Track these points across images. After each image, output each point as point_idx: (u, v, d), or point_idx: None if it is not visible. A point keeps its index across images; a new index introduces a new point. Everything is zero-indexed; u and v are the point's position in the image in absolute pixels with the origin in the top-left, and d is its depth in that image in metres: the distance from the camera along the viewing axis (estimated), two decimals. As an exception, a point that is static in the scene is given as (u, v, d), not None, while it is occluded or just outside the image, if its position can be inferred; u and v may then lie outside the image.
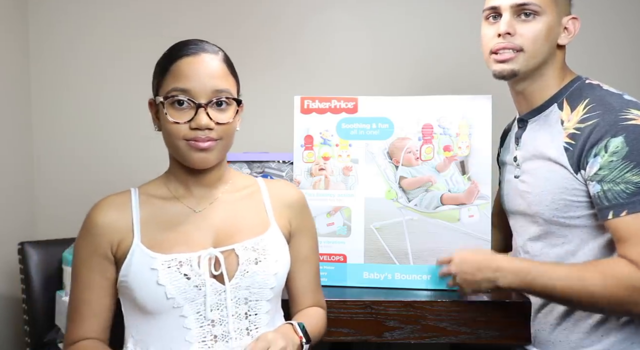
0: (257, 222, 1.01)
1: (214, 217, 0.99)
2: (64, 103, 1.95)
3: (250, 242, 0.97)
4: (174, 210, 0.98)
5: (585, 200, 1.09)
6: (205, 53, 0.95)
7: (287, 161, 1.82)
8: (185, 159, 0.95)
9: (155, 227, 0.96)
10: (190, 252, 0.93)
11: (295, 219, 1.06)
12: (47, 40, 1.94)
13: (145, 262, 0.92)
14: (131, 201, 0.98)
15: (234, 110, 0.96)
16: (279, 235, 1.02)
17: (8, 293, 1.77)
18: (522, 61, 1.12)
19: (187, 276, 0.91)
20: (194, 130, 0.92)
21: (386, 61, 1.94)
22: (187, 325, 0.91)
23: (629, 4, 1.90)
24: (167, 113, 0.93)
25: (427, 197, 1.25)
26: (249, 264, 0.95)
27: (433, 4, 1.93)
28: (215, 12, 1.94)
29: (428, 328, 1.17)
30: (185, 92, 0.92)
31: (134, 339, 0.95)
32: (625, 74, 1.88)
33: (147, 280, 0.91)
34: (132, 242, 0.94)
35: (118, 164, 1.95)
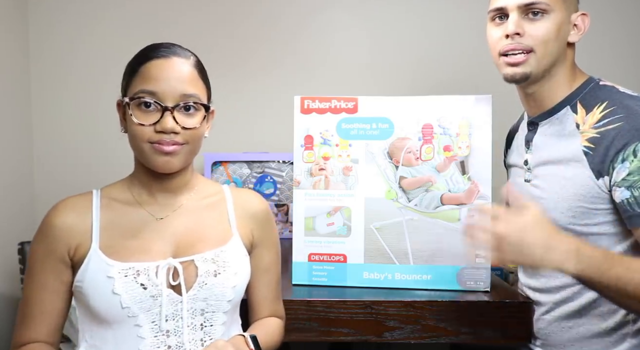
0: (219, 232, 1.00)
1: (176, 226, 0.97)
2: (64, 103, 1.96)
3: (211, 253, 0.96)
4: (136, 216, 0.96)
5: (606, 207, 1.05)
6: (175, 56, 0.94)
7: (287, 161, 1.82)
8: (149, 162, 0.93)
9: (114, 233, 0.94)
10: (149, 262, 0.92)
11: (257, 230, 1.05)
12: (47, 40, 1.94)
13: (102, 269, 0.90)
14: (92, 204, 0.96)
15: (201, 116, 0.95)
16: (240, 247, 1.01)
17: (8, 293, 1.77)
18: (534, 63, 1.09)
19: (143, 286, 0.90)
20: (159, 133, 0.91)
21: (386, 61, 1.94)
22: (141, 335, 0.90)
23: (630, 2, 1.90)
24: (132, 114, 0.92)
25: (427, 197, 1.25)
26: (208, 276, 0.94)
27: (433, 4, 1.93)
28: (215, 12, 1.94)
29: (428, 328, 1.17)
30: (153, 94, 0.91)
31: (87, 344, 0.94)
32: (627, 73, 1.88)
33: (103, 288, 0.89)
34: (90, 247, 0.92)
35: (118, 164, 1.94)
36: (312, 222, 1.28)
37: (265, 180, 1.84)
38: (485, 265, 1.24)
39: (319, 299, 1.18)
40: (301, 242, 1.28)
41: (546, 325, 1.16)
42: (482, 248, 1.01)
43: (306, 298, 1.18)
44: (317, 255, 1.28)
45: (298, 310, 1.16)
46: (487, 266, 1.24)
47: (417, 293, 1.22)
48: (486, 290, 1.23)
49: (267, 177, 1.84)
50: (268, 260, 1.07)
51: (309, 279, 1.28)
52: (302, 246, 1.28)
